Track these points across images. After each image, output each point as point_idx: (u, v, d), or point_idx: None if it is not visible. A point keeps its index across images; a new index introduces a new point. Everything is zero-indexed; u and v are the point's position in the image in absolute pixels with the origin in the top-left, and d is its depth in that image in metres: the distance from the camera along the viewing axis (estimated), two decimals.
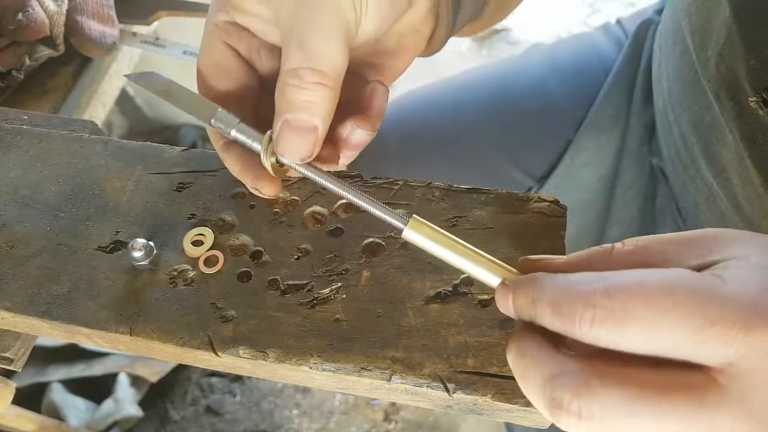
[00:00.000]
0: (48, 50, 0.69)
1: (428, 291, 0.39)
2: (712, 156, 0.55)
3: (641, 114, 0.69)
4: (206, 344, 0.38)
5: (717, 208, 0.57)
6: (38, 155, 0.46)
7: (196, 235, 0.42)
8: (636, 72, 0.70)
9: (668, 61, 0.61)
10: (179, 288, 0.40)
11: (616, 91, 0.70)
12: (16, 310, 0.40)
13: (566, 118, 0.71)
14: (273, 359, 0.37)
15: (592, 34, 0.79)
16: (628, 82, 0.70)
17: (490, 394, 0.35)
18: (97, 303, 0.39)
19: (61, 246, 0.42)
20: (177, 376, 1.33)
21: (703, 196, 0.59)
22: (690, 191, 0.61)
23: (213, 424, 1.30)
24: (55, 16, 0.67)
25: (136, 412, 1.23)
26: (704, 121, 0.55)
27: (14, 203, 0.44)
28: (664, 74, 0.63)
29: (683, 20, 0.56)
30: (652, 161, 0.69)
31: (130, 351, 0.42)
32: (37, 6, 0.65)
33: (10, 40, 0.66)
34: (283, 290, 0.39)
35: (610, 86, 0.70)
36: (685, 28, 0.56)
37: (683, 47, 0.57)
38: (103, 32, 0.72)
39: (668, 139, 0.63)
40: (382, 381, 0.36)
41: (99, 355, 1.25)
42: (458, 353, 0.36)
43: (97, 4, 0.71)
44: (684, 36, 0.56)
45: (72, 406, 1.19)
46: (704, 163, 0.57)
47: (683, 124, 0.59)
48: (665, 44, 0.63)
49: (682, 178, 0.62)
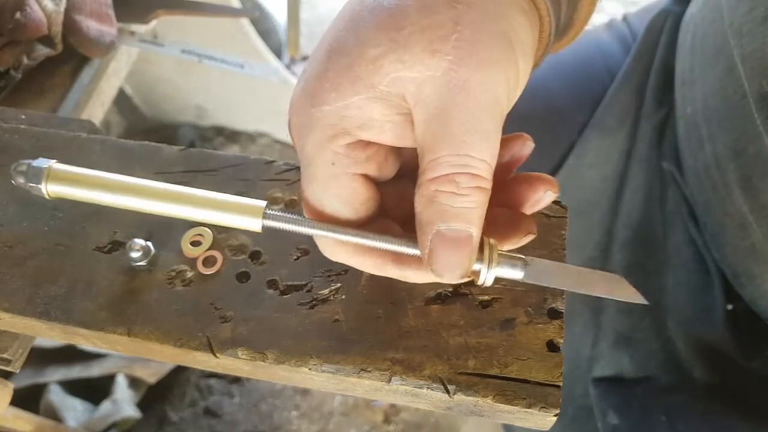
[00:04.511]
0: (46, 49, 0.69)
1: (428, 292, 0.38)
2: (752, 190, 0.52)
3: (652, 116, 0.66)
4: (205, 345, 0.37)
5: (747, 237, 0.55)
6: (36, 155, 0.46)
7: (194, 235, 0.41)
8: (648, 70, 0.67)
9: (705, 70, 0.58)
10: (177, 288, 0.40)
11: (626, 90, 0.68)
12: (13, 310, 0.39)
13: (569, 121, 0.70)
14: (272, 360, 0.36)
15: (596, 31, 0.76)
16: (638, 81, 0.68)
17: (491, 395, 0.34)
18: (95, 303, 0.39)
19: (59, 246, 0.42)
20: (175, 377, 1.33)
21: (732, 223, 0.56)
22: (716, 212, 0.58)
23: (212, 425, 1.29)
24: (54, 15, 0.66)
25: (134, 413, 1.23)
26: (748, 151, 0.52)
27: (12, 203, 0.44)
28: (698, 82, 0.59)
29: (732, 38, 0.53)
30: (662, 164, 0.67)
31: (128, 352, 0.41)
32: (35, 5, 0.64)
33: (8, 39, 0.65)
34: (283, 291, 0.39)
35: (619, 84, 0.68)
36: (733, 48, 0.52)
37: (729, 65, 0.53)
38: (102, 31, 0.71)
39: (696, 153, 0.60)
40: (382, 382, 0.36)
41: (97, 356, 1.25)
42: (459, 354, 0.36)
43: (95, 3, 0.71)
44: (731, 55, 0.53)
45: (70, 407, 1.19)
46: (740, 194, 0.54)
47: (719, 145, 0.56)
48: (701, 49, 0.59)
49: (707, 196, 0.59)
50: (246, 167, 0.45)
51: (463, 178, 0.29)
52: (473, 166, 0.29)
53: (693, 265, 0.63)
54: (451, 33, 0.28)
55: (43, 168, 0.33)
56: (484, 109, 0.28)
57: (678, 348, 0.61)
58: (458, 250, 0.30)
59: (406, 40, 0.28)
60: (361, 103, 0.29)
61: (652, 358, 0.62)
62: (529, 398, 0.34)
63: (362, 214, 0.33)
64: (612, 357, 0.64)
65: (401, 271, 0.33)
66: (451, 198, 0.29)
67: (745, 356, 0.59)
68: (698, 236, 0.62)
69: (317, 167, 0.31)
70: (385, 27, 0.28)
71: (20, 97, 0.70)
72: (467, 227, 0.29)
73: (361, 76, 0.29)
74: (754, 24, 0.50)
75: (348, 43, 0.29)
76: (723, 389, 0.58)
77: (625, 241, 0.66)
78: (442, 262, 0.30)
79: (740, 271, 0.57)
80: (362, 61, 0.29)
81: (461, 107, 0.28)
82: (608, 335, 0.65)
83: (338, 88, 0.29)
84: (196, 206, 0.33)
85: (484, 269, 0.32)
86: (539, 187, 0.33)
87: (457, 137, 0.28)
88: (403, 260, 0.33)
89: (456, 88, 0.28)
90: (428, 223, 0.30)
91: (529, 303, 0.38)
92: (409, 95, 0.29)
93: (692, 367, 0.60)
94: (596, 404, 0.63)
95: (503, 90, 0.29)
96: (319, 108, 0.30)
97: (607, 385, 0.64)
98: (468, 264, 0.30)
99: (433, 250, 0.30)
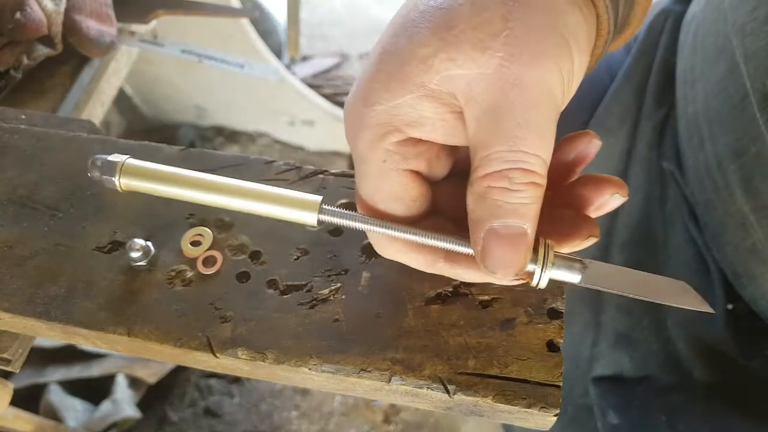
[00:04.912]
0: (46, 49, 0.69)
1: (428, 292, 0.38)
2: (754, 190, 0.52)
3: (653, 115, 0.66)
4: (204, 345, 0.37)
5: (748, 238, 0.55)
6: (36, 155, 0.46)
7: (194, 235, 0.41)
8: (649, 69, 0.67)
9: (707, 70, 0.58)
10: (177, 288, 0.40)
11: (626, 90, 0.67)
12: (13, 310, 0.39)
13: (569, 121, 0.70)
14: (272, 360, 0.36)
15: None
16: (639, 80, 0.67)
17: (491, 395, 0.34)
18: (95, 303, 0.39)
19: (59, 246, 0.42)
20: (175, 377, 1.33)
21: (733, 223, 0.56)
22: (717, 212, 0.58)
23: (212, 425, 1.29)
24: (54, 15, 0.66)
25: (134, 413, 1.23)
26: (749, 151, 0.51)
27: (12, 203, 0.44)
28: (700, 82, 0.59)
29: (734, 37, 0.52)
30: (662, 164, 0.66)
31: (128, 352, 0.41)
32: (35, 5, 0.64)
33: (8, 39, 0.65)
34: (282, 290, 0.39)
35: (619, 84, 0.68)
36: (736, 48, 0.52)
37: (731, 66, 0.53)
38: (102, 31, 0.72)
39: (697, 153, 0.60)
40: (382, 382, 0.36)
41: (97, 356, 1.25)
42: (459, 354, 0.36)
43: (95, 3, 0.71)
44: (733, 54, 0.52)
45: (70, 407, 1.19)
46: (741, 194, 0.54)
47: (720, 145, 0.55)
48: (703, 48, 0.59)
49: (708, 196, 0.59)
50: (246, 167, 0.45)
51: (517, 173, 0.28)
52: (527, 162, 0.28)
53: (693, 265, 0.63)
54: (501, 30, 0.28)
55: (117, 162, 0.35)
56: (537, 104, 0.28)
57: (678, 348, 0.61)
58: (512, 247, 0.29)
59: (456, 39, 0.28)
60: (413, 101, 0.29)
61: (651, 358, 0.62)
62: (529, 398, 0.34)
63: (414, 211, 0.33)
64: (612, 357, 0.64)
65: (452, 269, 0.33)
66: (505, 194, 0.28)
67: (745, 356, 0.58)
68: (699, 236, 0.62)
69: (369, 165, 0.31)
70: (436, 27, 0.28)
71: (20, 97, 0.70)
72: (521, 224, 0.29)
73: (411, 75, 0.29)
74: (757, 23, 0.49)
75: (399, 45, 0.29)
76: (723, 389, 0.58)
77: (625, 241, 0.66)
78: (495, 260, 0.29)
79: (741, 272, 0.57)
80: (413, 61, 0.29)
81: (513, 103, 0.28)
82: (608, 335, 0.65)
83: (389, 88, 0.29)
84: (257, 200, 0.34)
85: (539, 270, 0.31)
86: (606, 190, 0.33)
87: (510, 132, 0.28)
88: (455, 258, 0.33)
89: (508, 84, 0.28)
90: (481, 220, 0.29)
91: (529, 303, 0.38)
92: (460, 93, 0.29)
93: (692, 366, 0.60)
94: (596, 404, 0.63)
95: (557, 84, 0.29)
96: (371, 108, 0.30)
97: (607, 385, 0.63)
98: (522, 262, 0.30)
99: (486, 248, 0.29)
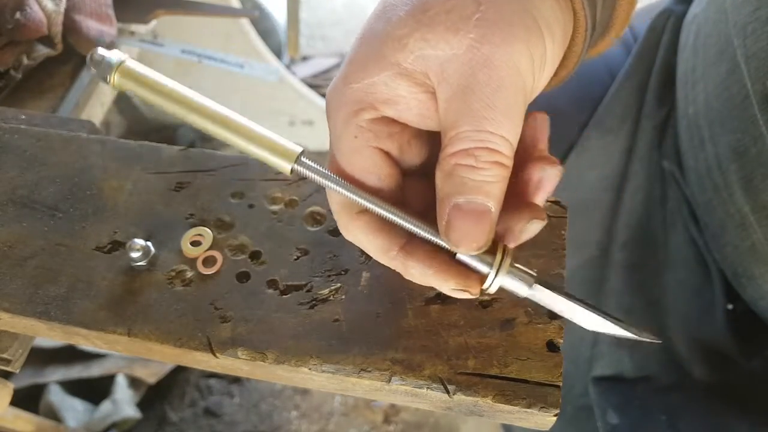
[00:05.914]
0: (46, 49, 0.69)
1: (428, 292, 0.38)
2: (754, 190, 0.52)
3: (653, 115, 0.66)
4: (204, 345, 0.37)
5: (748, 237, 0.55)
6: (36, 155, 0.46)
7: (194, 235, 0.41)
8: (650, 69, 0.67)
9: (708, 71, 0.58)
10: (177, 288, 0.40)
11: (627, 90, 0.67)
12: (14, 310, 0.39)
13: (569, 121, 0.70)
14: (272, 360, 0.36)
15: None
16: (640, 79, 0.67)
17: (491, 395, 0.34)
18: (95, 303, 0.39)
19: (59, 246, 0.42)
20: (175, 377, 1.33)
21: (733, 223, 0.56)
22: (717, 212, 0.58)
23: (211, 425, 1.29)
24: (54, 15, 0.66)
25: (134, 413, 1.23)
26: (749, 152, 0.51)
27: (12, 203, 0.44)
28: (701, 83, 0.59)
29: (735, 37, 0.52)
30: (663, 164, 0.66)
31: (128, 352, 0.41)
32: (35, 5, 0.64)
33: (8, 39, 0.65)
34: (282, 290, 0.39)
35: (620, 84, 0.68)
36: (737, 48, 0.52)
37: (732, 66, 0.53)
38: (102, 31, 0.72)
39: (698, 154, 0.60)
40: (382, 382, 0.36)
41: (97, 357, 1.25)
42: (459, 354, 0.36)
43: (95, 3, 0.71)
44: (734, 55, 0.52)
45: (70, 407, 1.19)
46: (742, 194, 0.54)
47: (721, 145, 0.55)
48: (704, 48, 0.59)
49: (709, 196, 0.59)
50: (245, 167, 0.45)
51: (482, 152, 0.29)
52: (492, 141, 0.29)
53: (693, 264, 0.63)
54: (474, 12, 0.29)
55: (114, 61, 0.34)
56: (505, 86, 0.29)
57: (678, 348, 0.61)
58: (475, 222, 0.30)
59: (431, 21, 0.29)
60: (387, 79, 0.30)
61: (651, 358, 0.62)
62: (529, 398, 0.34)
63: (384, 186, 0.33)
64: (612, 356, 0.64)
65: (405, 260, 0.33)
66: (470, 171, 0.29)
67: (745, 356, 0.58)
68: (699, 236, 0.62)
69: (342, 140, 0.32)
70: (413, 9, 0.30)
71: (20, 97, 0.70)
72: (485, 201, 0.30)
73: (387, 55, 0.30)
74: (759, 24, 0.49)
75: (378, 27, 0.31)
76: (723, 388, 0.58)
77: (626, 240, 0.66)
78: (459, 232, 0.30)
79: (740, 272, 0.57)
80: (389, 41, 0.30)
81: (482, 83, 0.29)
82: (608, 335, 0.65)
83: (366, 67, 0.31)
84: (237, 135, 0.33)
85: (492, 273, 0.32)
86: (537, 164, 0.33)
87: (478, 113, 0.29)
88: (411, 250, 0.33)
89: (478, 65, 0.29)
90: (447, 195, 0.30)
91: (528, 303, 0.38)
92: (433, 73, 0.30)
93: (692, 366, 0.60)
94: (596, 403, 0.63)
95: (527, 66, 0.29)
96: (348, 86, 0.31)
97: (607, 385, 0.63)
98: (484, 238, 0.30)
99: (451, 221, 0.30)
